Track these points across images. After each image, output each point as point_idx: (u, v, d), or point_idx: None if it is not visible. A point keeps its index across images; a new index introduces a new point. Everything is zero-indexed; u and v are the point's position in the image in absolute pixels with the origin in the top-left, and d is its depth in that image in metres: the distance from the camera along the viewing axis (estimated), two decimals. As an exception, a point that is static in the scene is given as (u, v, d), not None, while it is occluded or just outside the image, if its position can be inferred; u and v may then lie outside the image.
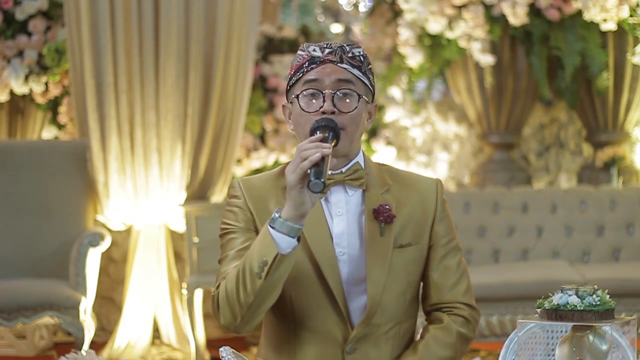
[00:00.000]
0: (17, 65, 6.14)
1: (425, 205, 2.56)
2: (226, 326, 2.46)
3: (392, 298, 2.52)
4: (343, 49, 2.50)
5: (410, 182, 2.59)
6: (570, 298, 2.43)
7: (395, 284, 2.51)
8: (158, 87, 5.69)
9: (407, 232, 2.53)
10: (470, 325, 2.60)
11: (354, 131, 2.49)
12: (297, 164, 2.32)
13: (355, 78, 2.49)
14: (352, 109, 2.47)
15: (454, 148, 7.24)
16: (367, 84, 2.51)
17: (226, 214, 2.57)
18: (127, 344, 5.63)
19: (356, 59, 2.50)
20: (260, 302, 2.39)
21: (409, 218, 2.53)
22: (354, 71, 2.49)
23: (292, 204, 2.33)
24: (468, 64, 6.62)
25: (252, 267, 2.36)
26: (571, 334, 2.46)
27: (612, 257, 5.95)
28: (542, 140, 7.24)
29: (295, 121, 2.53)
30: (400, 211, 2.52)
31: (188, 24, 5.70)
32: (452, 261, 2.58)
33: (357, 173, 2.51)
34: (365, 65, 2.51)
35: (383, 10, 7.05)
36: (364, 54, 2.52)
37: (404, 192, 2.55)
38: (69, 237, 5.41)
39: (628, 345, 2.46)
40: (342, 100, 2.47)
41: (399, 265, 2.51)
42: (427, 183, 2.60)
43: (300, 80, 2.51)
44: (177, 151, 5.71)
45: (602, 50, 6.39)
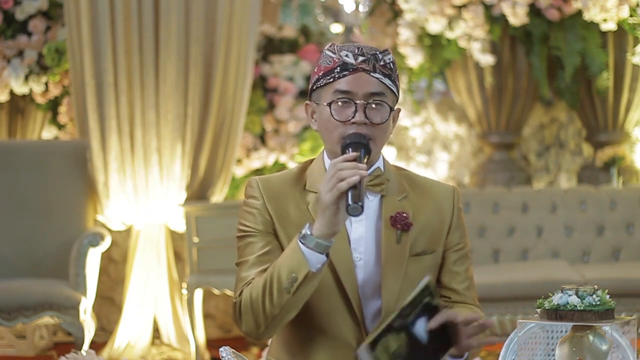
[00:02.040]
0: (17, 65, 6.14)
1: (442, 213, 2.56)
2: (248, 333, 2.47)
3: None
4: (376, 57, 2.46)
5: (428, 188, 2.58)
6: (570, 298, 2.44)
7: (409, 291, 2.47)
8: (158, 87, 5.69)
9: (423, 240, 2.52)
10: None
11: (382, 141, 2.49)
12: (334, 184, 2.31)
13: (386, 88, 2.47)
14: (383, 120, 2.46)
15: (454, 148, 7.24)
16: (395, 92, 2.50)
17: (244, 214, 2.53)
18: (127, 344, 5.63)
19: (387, 67, 2.47)
20: (285, 314, 2.41)
21: (425, 226, 2.53)
22: (385, 81, 2.47)
23: (326, 222, 2.33)
24: (468, 64, 6.62)
25: (281, 280, 2.36)
26: (571, 334, 2.46)
27: (612, 257, 5.95)
28: (542, 140, 7.24)
29: (323, 125, 2.50)
30: (417, 219, 2.51)
31: (188, 24, 5.70)
32: (462, 267, 2.59)
33: (378, 179, 2.51)
34: (394, 72, 2.49)
35: (383, 10, 7.04)
36: (393, 60, 2.50)
37: (421, 199, 2.55)
38: (69, 237, 5.41)
39: (628, 345, 2.46)
40: (373, 111, 2.45)
41: (413, 273, 2.50)
42: (445, 191, 2.60)
43: (330, 86, 2.48)
44: (177, 151, 5.71)
45: (602, 50, 6.39)
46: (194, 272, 5.51)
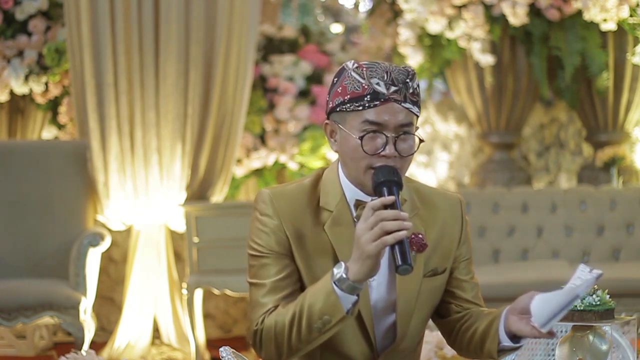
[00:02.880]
0: (17, 65, 6.14)
1: (451, 229, 2.54)
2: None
3: (418, 324, 2.51)
4: (407, 85, 2.38)
5: (436, 202, 2.54)
6: (571, 298, 2.43)
7: (421, 311, 2.50)
8: (158, 87, 5.69)
9: (435, 258, 2.50)
10: None
11: (407, 169, 2.46)
12: (378, 235, 2.24)
13: (414, 116, 2.42)
14: (411, 152, 2.42)
15: (454, 148, 7.24)
16: (418, 115, 2.45)
17: (258, 232, 2.45)
18: (127, 344, 5.62)
19: (415, 94, 2.41)
20: (310, 348, 2.39)
21: (436, 243, 2.50)
22: (414, 109, 2.40)
23: (366, 270, 2.27)
24: (468, 64, 6.62)
25: (312, 319, 2.33)
26: (571, 334, 2.46)
27: (612, 257, 5.95)
28: (542, 140, 7.24)
29: (348, 153, 2.41)
30: (428, 237, 2.47)
31: (188, 24, 5.70)
32: (468, 276, 2.58)
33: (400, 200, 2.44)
34: (420, 97, 2.44)
35: (383, 10, 7.04)
36: (419, 83, 2.44)
37: (431, 215, 2.51)
38: (69, 237, 5.41)
39: (628, 345, 2.46)
40: (402, 142, 2.40)
41: (425, 293, 2.49)
42: (451, 204, 2.56)
43: (359, 114, 2.38)
44: (177, 151, 5.71)
45: (602, 50, 6.39)
46: (194, 272, 5.51)
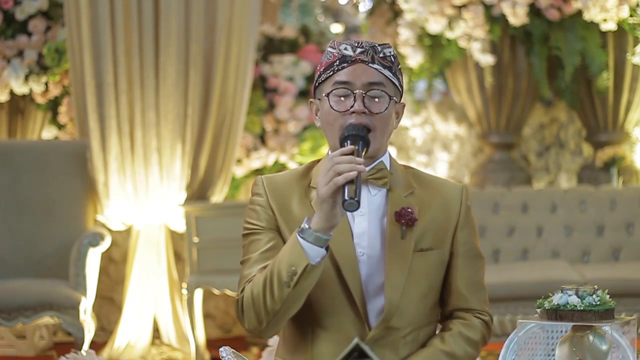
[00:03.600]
0: (17, 65, 6.14)
1: (449, 210, 2.55)
2: (251, 330, 2.47)
3: (412, 302, 2.49)
4: (375, 48, 2.48)
5: (435, 186, 2.57)
6: (570, 298, 2.44)
7: (415, 287, 2.49)
8: (158, 87, 5.69)
9: (429, 236, 2.51)
10: (489, 331, 2.61)
11: (383, 132, 2.48)
12: (331, 177, 2.31)
13: (386, 79, 2.47)
14: (382, 110, 2.46)
15: (454, 148, 7.24)
16: (396, 84, 2.50)
17: (249, 212, 2.54)
18: (127, 344, 5.63)
19: (387, 59, 2.48)
20: (287, 309, 2.40)
21: (431, 222, 2.52)
22: (385, 72, 2.47)
23: (324, 216, 2.33)
24: (468, 64, 6.62)
25: (281, 275, 2.36)
26: (571, 334, 2.46)
27: (612, 257, 5.95)
28: (542, 140, 7.24)
29: (324, 119, 2.51)
30: (423, 215, 2.50)
31: (188, 24, 5.70)
32: (469, 269, 2.56)
33: (380, 172, 2.49)
34: (396, 65, 2.50)
35: (383, 10, 7.04)
36: (394, 54, 2.51)
37: (428, 196, 2.54)
38: (69, 237, 5.41)
39: (628, 345, 2.46)
40: (372, 101, 2.45)
41: (419, 269, 2.49)
42: (453, 188, 2.59)
43: (330, 79, 2.49)
44: (177, 151, 5.71)
45: (602, 50, 6.39)
46: (194, 272, 5.51)
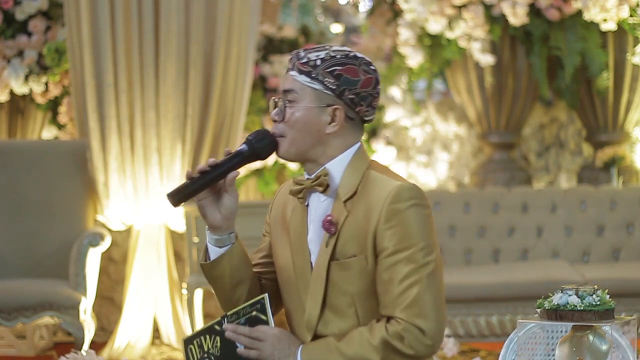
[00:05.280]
0: (17, 65, 6.14)
1: (370, 214, 2.44)
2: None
3: (337, 311, 2.49)
4: (298, 55, 2.50)
5: (374, 188, 2.47)
6: (570, 298, 2.44)
7: (338, 297, 2.49)
8: (158, 87, 5.69)
9: (352, 244, 2.47)
10: (406, 342, 2.39)
11: (295, 138, 2.48)
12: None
13: (301, 85, 2.48)
14: (289, 118, 2.48)
15: (454, 148, 7.24)
16: (319, 88, 2.48)
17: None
18: (127, 344, 5.63)
19: (309, 64, 2.48)
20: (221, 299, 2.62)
21: (354, 229, 2.46)
22: (300, 78, 2.48)
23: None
24: (468, 64, 6.62)
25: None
26: (571, 334, 2.46)
27: (612, 257, 5.95)
28: (542, 140, 7.24)
29: None
30: (349, 222, 2.47)
31: (188, 24, 5.70)
32: (393, 275, 2.41)
33: (320, 180, 2.49)
34: (322, 68, 2.47)
35: (383, 10, 7.05)
36: (324, 57, 2.48)
37: (360, 201, 2.47)
38: (69, 237, 5.41)
39: (628, 345, 2.46)
40: (285, 108, 2.49)
41: (339, 278, 2.47)
42: (384, 190, 2.45)
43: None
44: (177, 151, 5.71)
45: (602, 50, 6.40)
46: (194, 272, 5.51)
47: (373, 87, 2.53)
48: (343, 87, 2.48)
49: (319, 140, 2.49)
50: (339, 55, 2.49)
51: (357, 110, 2.51)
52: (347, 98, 2.48)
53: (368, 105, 2.52)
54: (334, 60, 2.48)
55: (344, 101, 2.49)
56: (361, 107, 2.51)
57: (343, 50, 2.51)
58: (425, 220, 2.44)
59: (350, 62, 2.49)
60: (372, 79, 2.53)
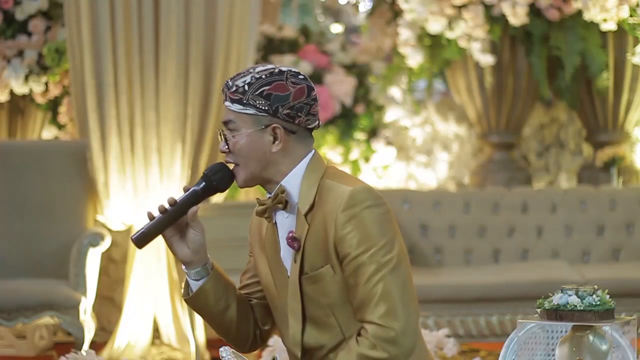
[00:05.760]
0: (17, 65, 6.14)
1: (327, 223, 2.46)
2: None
3: (317, 324, 2.53)
4: (227, 85, 2.52)
5: (328, 197, 2.49)
6: (570, 298, 2.44)
7: (315, 309, 2.52)
8: (158, 87, 5.68)
9: (318, 256, 2.49)
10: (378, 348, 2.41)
11: (246, 165, 2.52)
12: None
13: (236, 114, 2.51)
14: (234, 147, 2.52)
15: (454, 148, 7.24)
16: (252, 112, 2.49)
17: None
18: (127, 344, 5.62)
19: (238, 91, 2.50)
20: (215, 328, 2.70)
21: (316, 240, 2.49)
22: (233, 107, 2.50)
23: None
24: (468, 64, 6.62)
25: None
26: (571, 334, 2.46)
27: (612, 257, 5.95)
28: (542, 140, 7.24)
29: None
30: (310, 234, 2.49)
31: (188, 24, 5.70)
32: (363, 277, 2.43)
33: (278, 197, 2.52)
34: (251, 92, 2.48)
35: (383, 10, 7.04)
36: (250, 81, 2.49)
37: (318, 212, 2.49)
38: (69, 237, 5.40)
39: (628, 345, 2.46)
40: (229, 139, 2.53)
41: (312, 291, 2.51)
42: (337, 198, 2.47)
43: None
44: (177, 151, 5.71)
45: (602, 50, 6.39)
46: (194, 272, 5.51)
47: (307, 96, 2.52)
48: (275, 104, 2.49)
49: (268, 161, 2.52)
50: (264, 75, 2.50)
51: (296, 122, 2.52)
52: (282, 114, 2.50)
53: (307, 114, 2.52)
54: (261, 81, 2.49)
55: (280, 118, 2.50)
56: (300, 118, 2.51)
57: (267, 68, 2.52)
58: (381, 219, 2.45)
59: (276, 79, 2.50)
60: (304, 88, 2.52)
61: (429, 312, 5.39)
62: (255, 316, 2.70)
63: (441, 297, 5.41)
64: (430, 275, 5.62)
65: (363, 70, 7.23)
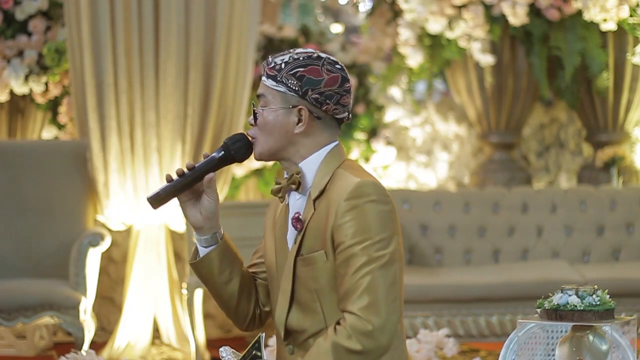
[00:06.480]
0: (17, 65, 6.14)
1: (330, 210, 2.50)
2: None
3: (304, 306, 2.56)
4: (267, 61, 2.59)
5: (336, 185, 2.53)
6: (570, 298, 2.44)
7: (304, 292, 2.56)
8: (158, 87, 5.69)
9: (316, 240, 2.53)
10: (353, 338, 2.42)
11: (267, 140, 2.56)
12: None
13: (269, 89, 2.56)
14: (260, 121, 2.56)
15: (454, 148, 7.24)
16: (283, 90, 2.55)
17: None
18: (127, 344, 5.63)
19: (275, 68, 2.56)
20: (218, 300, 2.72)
21: (317, 226, 2.53)
22: (268, 82, 2.56)
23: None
24: (468, 64, 6.62)
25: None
26: (571, 334, 2.46)
27: (612, 257, 5.95)
28: (542, 140, 7.24)
29: None
30: (313, 218, 2.54)
31: (188, 24, 5.70)
32: (352, 267, 2.44)
33: (292, 178, 2.56)
34: (285, 71, 2.54)
35: (383, 10, 7.04)
36: (288, 60, 2.55)
37: (325, 199, 2.54)
38: (69, 237, 5.41)
39: (628, 345, 2.46)
40: (258, 112, 2.58)
41: (304, 273, 2.54)
42: (344, 186, 2.50)
43: None
44: (177, 151, 5.72)
45: (602, 50, 6.39)
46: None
47: (339, 85, 2.57)
48: (306, 87, 2.54)
49: (289, 140, 2.56)
50: (302, 57, 2.55)
51: (324, 109, 2.55)
52: (311, 98, 2.54)
53: (336, 103, 2.56)
54: (297, 62, 2.54)
55: (308, 101, 2.54)
56: (328, 105, 2.55)
57: (306, 52, 2.57)
58: (383, 216, 2.48)
59: (312, 63, 2.55)
60: (338, 77, 2.57)
61: (429, 312, 5.39)
62: (258, 296, 2.74)
63: (441, 297, 5.42)
64: (430, 275, 5.62)
65: (363, 70, 7.24)
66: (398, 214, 2.54)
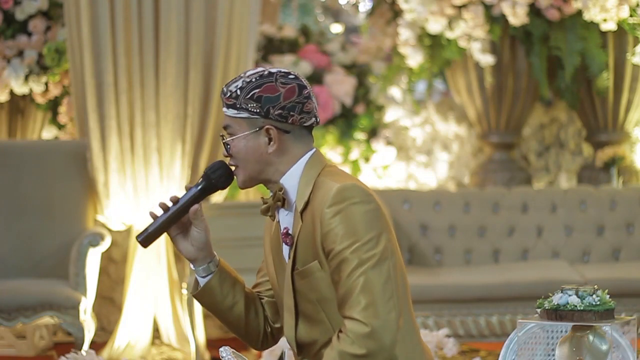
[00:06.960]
0: (17, 65, 6.14)
1: (315, 217, 2.50)
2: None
3: (310, 320, 2.57)
4: (222, 92, 2.59)
5: (318, 194, 2.52)
6: (570, 298, 2.44)
7: (306, 304, 2.56)
8: (158, 87, 5.69)
9: (308, 252, 2.53)
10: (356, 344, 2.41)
11: (244, 167, 2.58)
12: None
13: (232, 119, 2.57)
14: (233, 151, 2.57)
15: (454, 148, 7.24)
16: (246, 116, 2.55)
17: None
18: (127, 344, 5.63)
19: (231, 97, 2.56)
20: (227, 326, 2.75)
21: (306, 237, 2.53)
22: (229, 112, 2.57)
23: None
24: (468, 64, 6.62)
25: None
26: (571, 334, 2.46)
27: (612, 257, 5.95)
28: (542, 140, 7.24)
29: None
30: (302, 231, 2.54)
31: (188, 24, 5.70)
32: (345, 272, 2.44)
33: (276, 196, 2.57)
34: (242, 97, 2.54)
35: (383, 10, 7.04)
36: (242, 85, 2.55)
37: (310, 209, 2.53)
38: (69, 237, 5.41)
39: (628, 345, 2.46)
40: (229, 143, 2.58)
41: (303, 286, 2.55)
42: (325, 194, 2.50)
43: None
44: (177, 151, 5.71)
45: (602, 50, 6.39)
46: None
47: (298, 95, 2.56)
48: (266, 106, 2.54)
49: (266, 161, 2.57)
50: (254, 79, 2.55)
51: (290, 122, 2.55)
52: (274, 115, 2.54)
53: (300, 112, 2.56)
54: (251, 85, 2.55)
55: (273, 119, 2.54)
56: (293, 117, 2.55)
57: (257, 72, 2.57)
58: (368, 216, 2.47)
59: (265, 81, 2.55)
60: (294, 87, 2.57)
61: (429, 312, 5.39)
62: (266, 313, 2.74)
63: (441, 297, 5.42)
64: (430, 275, 5.62)
65: (363, 70, 7.23)
66: (397, 214, 2.55)
